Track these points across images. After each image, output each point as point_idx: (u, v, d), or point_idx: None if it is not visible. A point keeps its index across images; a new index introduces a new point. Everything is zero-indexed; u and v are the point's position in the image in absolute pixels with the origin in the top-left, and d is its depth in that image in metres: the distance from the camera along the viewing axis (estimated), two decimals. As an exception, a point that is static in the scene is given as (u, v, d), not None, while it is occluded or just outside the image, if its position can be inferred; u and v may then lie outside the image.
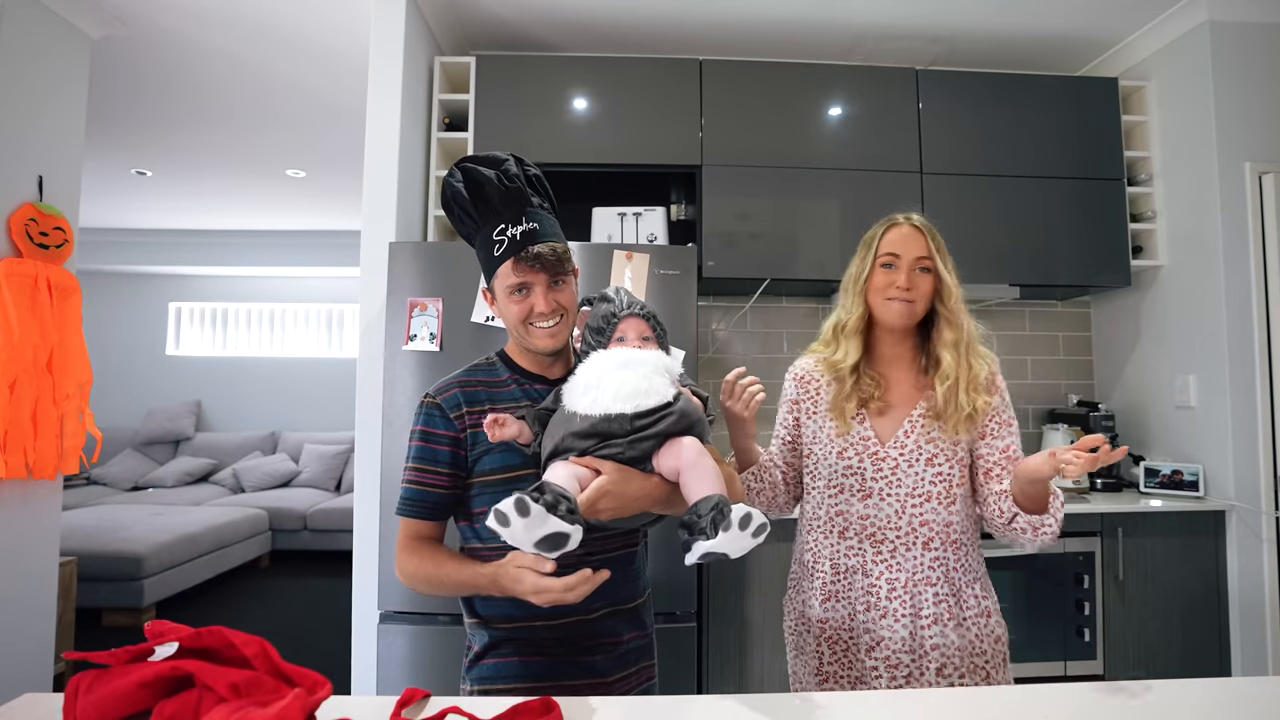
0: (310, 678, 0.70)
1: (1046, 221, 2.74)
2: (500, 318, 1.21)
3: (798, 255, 2.69)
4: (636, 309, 1.17)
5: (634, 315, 1.16)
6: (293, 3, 2.62)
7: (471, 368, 1.25)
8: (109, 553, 3.84)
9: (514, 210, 1.15)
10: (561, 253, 1.15)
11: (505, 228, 1.14)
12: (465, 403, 1.16)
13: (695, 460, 1.02)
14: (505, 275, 1.14)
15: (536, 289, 1.14)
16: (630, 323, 1.16)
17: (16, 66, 2.32)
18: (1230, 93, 2.57)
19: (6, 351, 2.22)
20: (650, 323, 1.17)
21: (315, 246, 6.15)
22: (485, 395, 1.19)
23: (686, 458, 1.02)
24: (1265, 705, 0.86)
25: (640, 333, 1.16)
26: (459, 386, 1.18)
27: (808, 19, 2.77)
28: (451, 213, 1.19)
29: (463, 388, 1.18)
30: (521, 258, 1.12)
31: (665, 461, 1.03)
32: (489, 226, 1.15)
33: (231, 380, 6.48)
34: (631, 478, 1.03)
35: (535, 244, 1.12)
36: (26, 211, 2.33)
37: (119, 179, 4.71)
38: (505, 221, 1.14)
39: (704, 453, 1.04)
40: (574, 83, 2.69)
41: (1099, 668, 2.40)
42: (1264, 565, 2.43)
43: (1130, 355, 2.94)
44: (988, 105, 2.78)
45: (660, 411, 1.04)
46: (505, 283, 1.14)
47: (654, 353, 1.13)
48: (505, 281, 1.14)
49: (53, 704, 0.77)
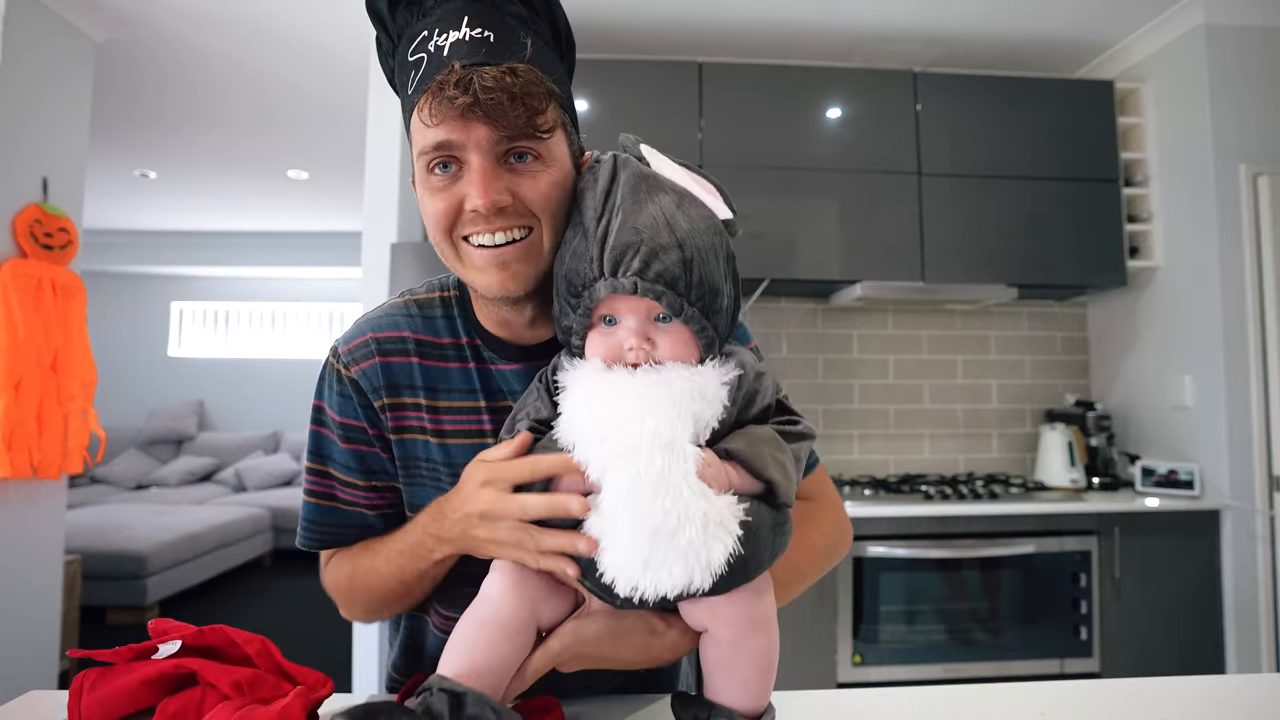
0: (312, 676, 0.71)
1: (1043, 223, 2.75)
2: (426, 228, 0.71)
3: (797, 256, 2.70)
4: (631, 267, 0.59)
5: (623, 292, 0.60)
6: (290, 5, 2.63)
7: (407, 304, 0.78)
8: (113, 551, 3.86)
9: (452, 4, 0.64)
10: (527, 86, 0.60)
11: (427, 37, 0.63)
12: (386, 384, 0.74)
13: (741, 635, 0.61)
14: (418, 131, 0.64)
15: (471, 160, 0.63)
16: (621, 301, 0.62)
17: (21, 69, 2.34)
18: (1226, 95, 2.58)
19: (11, 352, 2.23)
20: (670, 294, 0.60)
21: (317, 247, 6.16)
22: (418, 373, 0.75)
23: (724, 630, 0.61)
24: (1260, 702, 0.86)
25: (646, 315, 0.62)
26: (378, 351, 0.74)
27: (807, 21, 2.78)
28: (379, 46, 0.73)
29: (384, 355, 0.74)
30: (440, 89, 0.60)
31: (690, 613, 0.63)
32: (405, 41, 0.66)
33: (234, 380, 6.50)
34: (629, 634, 0.63)
35: (475, 65, 0.60)
36: (31, 213, 2.35)
37: (123, 180, 4.73)
38: (427, 27, 0.64)
39: (760, 620, 0.62)
40: (574, 84, 2.69)
41: (1095, 665, 2.41)
42: (1258, 564, 2.45)
43: (1127, 355, 2.95)
44: (985, 107, 2.78)
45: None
46: (418, 144, 0.64)
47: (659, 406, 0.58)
48: (418, 143, 0.64)
49: (57, 701, 0.78)
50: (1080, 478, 2.74)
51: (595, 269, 0.61)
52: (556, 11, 0.70)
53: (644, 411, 0.57)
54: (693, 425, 0.58)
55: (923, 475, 2.89)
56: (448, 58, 0.61)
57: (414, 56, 0.64)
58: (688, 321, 0.61)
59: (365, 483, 0.77)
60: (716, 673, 0.61)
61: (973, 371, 3.11)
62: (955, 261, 2.72)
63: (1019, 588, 2.44)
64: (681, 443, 0.56)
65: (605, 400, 0.59)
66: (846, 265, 2.71)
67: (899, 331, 3.09)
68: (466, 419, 0.75)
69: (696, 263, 0.61)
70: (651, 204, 0.62)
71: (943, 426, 3.08)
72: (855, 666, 2.36)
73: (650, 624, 0.63)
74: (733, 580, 0.57)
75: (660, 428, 0.56)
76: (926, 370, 3.09)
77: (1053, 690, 0.89)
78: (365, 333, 0.75)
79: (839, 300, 2.91)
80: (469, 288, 0.75)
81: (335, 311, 6.63)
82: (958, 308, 3.06)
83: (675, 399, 0.58)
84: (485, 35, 0.62)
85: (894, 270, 2.70)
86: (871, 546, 2.35)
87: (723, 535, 0.55)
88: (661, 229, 0.60)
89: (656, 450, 0.55)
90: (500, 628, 0.59)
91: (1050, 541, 2.41)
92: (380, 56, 0.73)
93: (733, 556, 0.55)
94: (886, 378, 3.07)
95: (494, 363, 0.76)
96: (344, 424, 0.76)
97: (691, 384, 0.60)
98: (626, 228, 0.60)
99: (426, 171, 0.65)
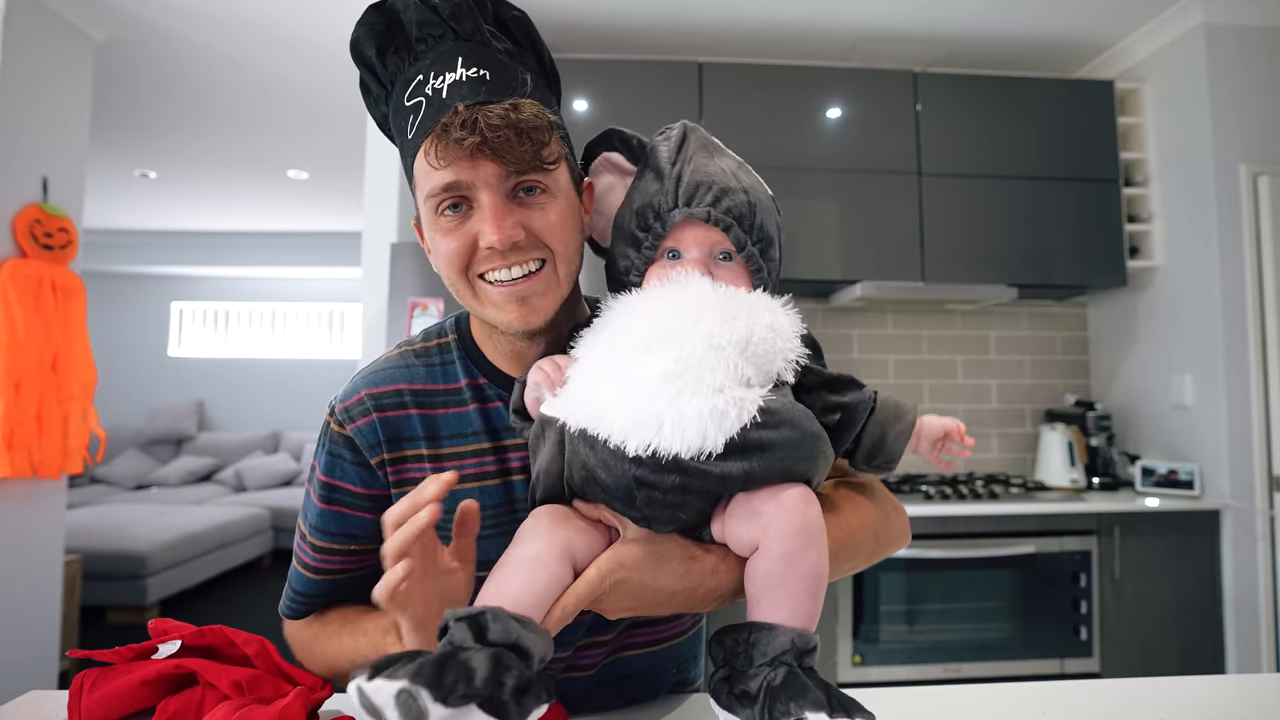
0: (309, 678, 0.72)
1: (1044, 222, 2.75)
2: (435, 267, 0.70)
3: (797, 256, 2.70)
4: (704, 200, 0.64)
5: (695, 220, 0.64)
6: (290, 5, 2.63)
7: (403, 355, 0.77)
8: (113, 551, 3.86)
9: (443, 46, 0.64)
10: (531, 120, 0.61)
11: (423, 81, 0.63)
12: (385, 439, 0.72)
13: (793, 548, 0.57)
14: (424, 174, 0.64)
15: (482, 198, 0.63)
16: (690, 232, 0.65)
17: (21, 69, 2.34)
18: (1226, 95, 2.58)
19: (11, 352, 2.23)
20: (737, 229, 0.65)
21: (316, 247, 6.16)
22: (418, 423, 0.73)
23: (776, 542, 0.57)
24: (1260, 702, 0.86)
25: (710, 250, 0.66)
26: (374, 408, 0.73)
27: (806, 21, 2.78)
28: (366, 92, 0.71)
29: (381, 410, 0.73)
30: (445, 130, 0.60)
31: (739, 530, 0.59)
32: (400, 86, 0.66)
33: (234, 380, 6.50)
34: (668, 558, 0.60)
35: (477, 104, 0.61)
36: (31, 213, 2.35)
37: (123, 180, 4.73)
38: (423, 71, 0.64)
39: (811, 531, 0.58)
40: (574, 85, 2.70)
41: (1095, 665, 2.41)
42: (1258, 564, 2.45)
43: (1127, 355, 2.95)
44: (985, 107, 2.78)
45: (734, 447, 0.56)
46: (425, 187, 0.64)
47: (716, 309, 0.60)
48: (425, 185, 0.64)
49: (57, 701, 0.78)
50: (1080, 478, 2.74)
51: (670, 200, 0.65)
52: (540, 44, 0.71)
53: (699, 312, 0.60)
54: (741, 339, 0.59)
55: (923, 475, 2.89)
56: (448, 99, 0.62)
57: (411, 101, 0.64)
58: (748, 260, 0.66)
59: (343, 547, 0.74)
60: (765, 594, 0.58)
61: (973, 371, 3.11)
62: (955, 261, 2.72)
63: (1019, 588, 2.44)
64: (728, 347, 0.58)
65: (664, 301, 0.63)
66: (846, 265, 2.71)
67: (899, 331, 3.09)
68: (470, 462, 0.74)
69: (759, 209, 0.67)
70: (720, 158, 0.69)
71: (943, 426, 3.08)
72: (855, 666, 2.36)
73: (687, 549, 0.61)
74: (789, 468, 0.58)
75: (715, 330, 0.58)
76: (926, 370, 3.09)
77: (1053, 690, 0.89)
78: (360, 390, 0.74)
79: (839, 300, 2.91)
80: (476, 325, 0.76)
81: (335, 311, 6.63)
82: (958, 308, 3.06)
83: (735, 308, 0.61)
84: (482, 74, 0.63)
85: (894, 270, 2.70)
86: (871, 546, 2.35)
87: (745, 405, 0.56)
88: (730, 177, 0.66)
89: (699, 341, 0.58)
90: (532, 560, 0.57)
91: (1050, 541, 2.41)
92: (368, 101, 0.72)
93: (761, 435, 0.56)
94: (886, 378, 3.07)
95: (502, 400, 0.75)
96: (327, 483, 0.75)
97: (756, 304, 0.63)
98: (700, 171, 0.66)
99: (435, 214, 0.65)
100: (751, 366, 0.59)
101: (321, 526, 0.74)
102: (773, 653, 0.54)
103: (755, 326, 0.60)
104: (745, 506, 0.58)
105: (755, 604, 0.58)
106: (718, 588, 0.62)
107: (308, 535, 0.76)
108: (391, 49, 0.66)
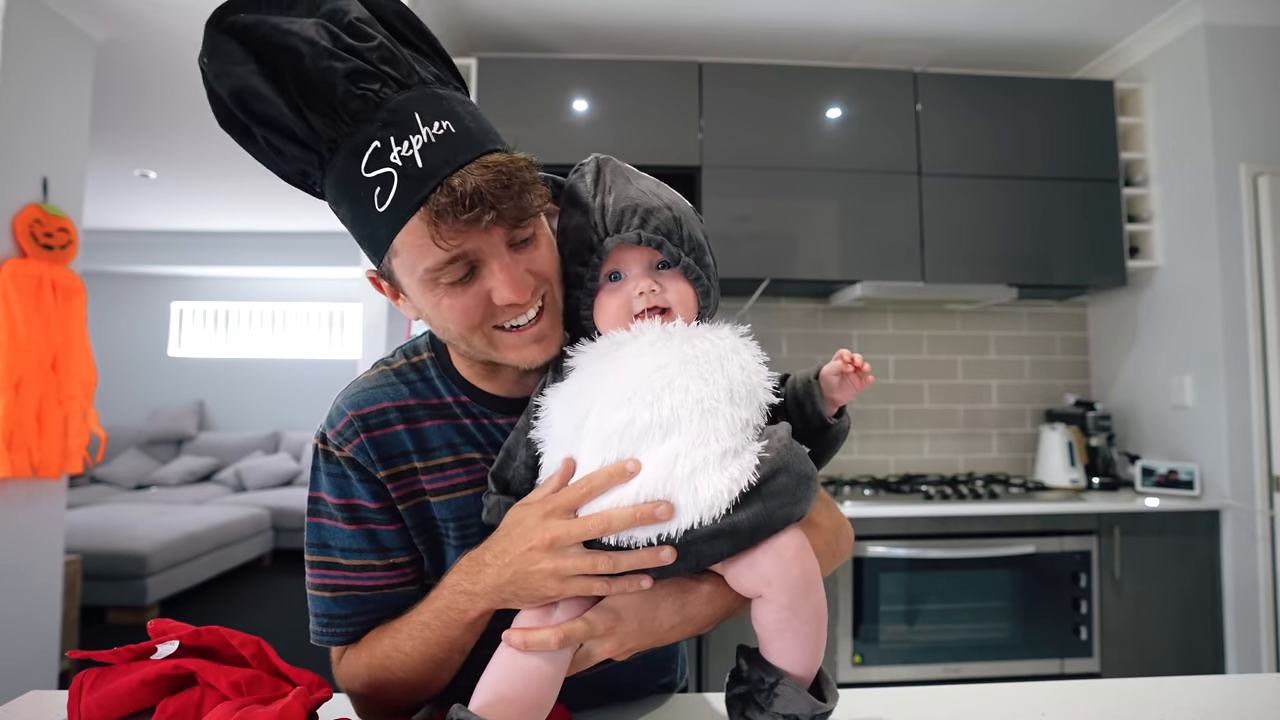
0: (306, 678, 0.71)
1: (1044, 223, 2.75)
2: (423, 320, 0.69)
3: (797, 256, 2.70)
4: (632, 224, 0.66)
5: (627, 244, 0.66)
6: (294, 6, 2.63)
7: (383, 374, 0.76)
8: (113, 551, 3.86)
9: (390, 104, 0.59)
10: (513, 169, 0.60)
11: (384, 148, 0.58)
12: (377, 457, 0.72)
13: (792, 601, 0.60)
14: (418, 248, 0.60)
15: (490, 260, 0.63)
16: (625, 254, 0.67)
17: (21, 68, 2.34)
18: (1226, 95, 2.58)
19: (11, 352, 2.23)
20: (669, 244, 0.66)
21: (317, 247, 6.15)
22: (406, 439, 0.73)
23: (780, 593, 0.60)
24: (1260, 702, 0.86)
25: (649, 264, 0.68)
26: (362, 429, 0.72)
27: (806, 21, 2.78)
28: (248, 135, 0.63)
29: (369, 431, 0.72)
30: (445, 209, 0.57)
31: (740, 579, 0.62)
32: (347, 153, 0.59)
33: (234, 380, 6.50)
34: (661, 598, 0.63)
35: (460, 167, 0.58)
36: (31, 213, 2.35)
37: (123, 180, 4.73)
38: (378, 136, 0.58)
39: (811, 578, 0.61)
40: (574, 85, 2.70)
41: (1095, 665, 2.41)
42: (1258, 564, 2.44)
43: (1127, 355, 2.95)
44: (985, 107, 2.78)
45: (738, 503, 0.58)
46: (423, 261, 0.61)
47: (694, 370, 0.62)
48: (423, 260, 0.61)
49: (57, 701, 0.78)
50: (1080, 478, 2.74)
51: (600, 230, 0.67)
52: (429, 36, 0.67)
53: (686, 380, 0.61)
54: (728, 385, 0.62)
55: (923, 475, 2.89)
56: (425, 169, 0.58)
57: (374, 173, 0.59)
58: (685, 270, 0.68)
59: (383, 561, 0.74)
60: (776, 638, 0.61)
61: (973, 371, 3.11)
62: (955, 261, 2.72)
63: (1019, 588, 2.44)
64: (721, 403, 0.61)
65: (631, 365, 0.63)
66: (846, 265, 2.71)
67: (899, 331, 3.09)
68: (463, 469, 0.75)
69: (684, 221, 0.69)
70: (638, 181, 0.71)
71: (943, 426, 3.08)
72: (855, 666, 2.36)
73: (679, 583, 0.64)
74: (771, 515, 0.59)
75: (704, 394, 0.61)
76: (926, 370, 3.09)
77: (1053, 690, 0.89)
78: (346, 413, 0.74)
79: (839, 300, 2.91)
80: (450, 351, 0.76)
81: (335, 311, 6.63)
82: (958, 308, 3.05)
83: (710, 362, 0.63)
84: (445, 127, 0.60)
85: (894, 270, 2.70)
86: (871, 546, 2.35)
87: (746, 465, 0.59)
88: (651, 197, 0.69)
89: (693, 407, 0.60)
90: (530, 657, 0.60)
91: (1050, 541, 2.41)
92: (266, 158, 0.64)
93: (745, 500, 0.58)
94: (887, 378, 3.07)
95: (486, 417, 0.76)
96: (345, 505, 0.74)
97: (721, 345, 0.65)
98: (623, 197, 0.68)
99: (434, 281, 0.63)
100: (743, 409, 0.63)
101: (354, 547, 0.74)
102: (791, 710, 0.60)
103: (731, 372, 0.63)
104: (744, 557, 0.61)
105: (768, 646, 0.62)
106: (715, 613, 0.65)
107: (340, 561, 0.74)
108: (310, 108, 0.58)
